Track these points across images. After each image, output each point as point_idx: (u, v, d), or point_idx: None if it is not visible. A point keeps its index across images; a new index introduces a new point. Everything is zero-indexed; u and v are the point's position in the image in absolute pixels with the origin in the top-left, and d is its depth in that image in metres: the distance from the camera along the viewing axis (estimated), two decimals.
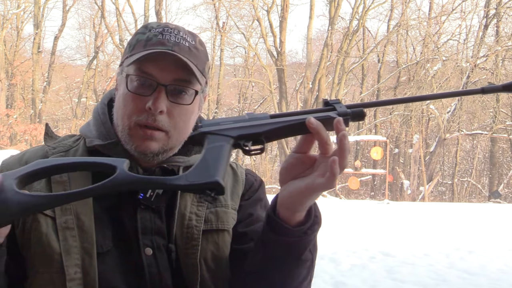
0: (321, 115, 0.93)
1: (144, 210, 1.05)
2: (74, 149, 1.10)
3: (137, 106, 1.02)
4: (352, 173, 22.91)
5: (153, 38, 1.04)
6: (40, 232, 0.99)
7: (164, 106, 1.01)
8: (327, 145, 0.90)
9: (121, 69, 1.08)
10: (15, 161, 1.09)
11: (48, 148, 1.10)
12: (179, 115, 1.04)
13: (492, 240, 8.97)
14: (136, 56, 1.01)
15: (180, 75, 1.03)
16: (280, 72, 26.01)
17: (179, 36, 1.05)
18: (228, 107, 35.10)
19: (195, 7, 30.97)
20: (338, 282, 5.49)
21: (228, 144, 0.91)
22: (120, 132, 1.06)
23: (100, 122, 1.11)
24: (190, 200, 1.10)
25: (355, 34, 26.82)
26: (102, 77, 33.52)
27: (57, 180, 1.03)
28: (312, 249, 1.01)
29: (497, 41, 22.78)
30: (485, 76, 23.81)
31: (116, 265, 1.01)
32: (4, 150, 17.17)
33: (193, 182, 0.84)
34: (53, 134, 1.14)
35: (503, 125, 23.92)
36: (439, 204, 19.05)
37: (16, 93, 29.20)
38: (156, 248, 1.04)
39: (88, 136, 1.10)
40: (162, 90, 1.01)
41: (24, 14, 30.72)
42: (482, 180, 30.96)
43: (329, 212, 13.67)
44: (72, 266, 0.97)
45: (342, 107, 0.95)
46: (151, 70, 1.01)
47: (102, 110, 1.13)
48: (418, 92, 23.13)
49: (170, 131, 1.04)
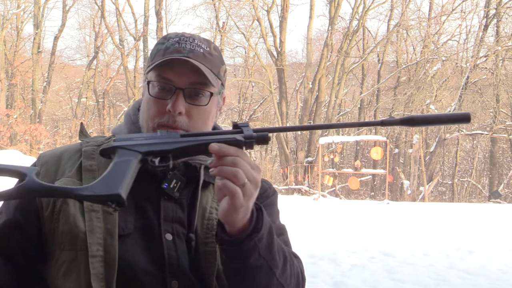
0: (227, 137, 1.00)
1: (167, 200, 1.14)
2: (105, 144, 1.16)
3: (158, 109, 1.14)
4: (352, 173, 22.91)
5: (170, 47, 1.15)
6: (68, 213, 1.08)
7: (183, 108, 1.12)
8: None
9: (145, 77, 1.19)
10: (52, 153, 1.20)
11: (82, 142, 1.20)
12: (197, 116, 1.15)
13: (492, 240, 8.97)
14: (155, 63, 1.13)
15: (196, 78, 1.13)
16: (280, 72, 26.01)
17: (194, 43, 1.16)
18: (228, 107, 35.11)
19: (195, 7, 31.10)
20: (338, 282, 5.49)
21: (136, 159, 0.97)
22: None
23: (131, 122, 1.23)
24: (210, 197, 1.18)
25: (355, 34, 26.83)
26: (102, 77, 33.52)
27: (88, 168, 1.14)
28: (265, 256, 1.04)
29: (497, 41, 22.78)
30: (485, 76, 23.82)
31: (136, 246, 1.09)
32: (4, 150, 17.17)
33: (96, 193, 0.89)
34: (87, 134, 1.24)
35: (503, 125, 23.92)
36: (439, 204, 19.05)
37: (16, 93, 29.20)
38: (176, 235, 1.12)
39: (118, 133, 1.19)
40: (180, 93, 1.12)
41: (24, 14, 30.75)
42: (482, 180, 30.97)
43: (329, 212, 13.66)
44: (95, 244, 1.05)
45: (249, 131, 1.01)
46: (169, 75, 1.13)
47: (133, 112, 1.24)
48: (417, 92, 23.17)
49: (189, 130, 1.13)
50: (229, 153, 0.96)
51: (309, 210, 14.00)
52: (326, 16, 28.19)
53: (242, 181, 0.94)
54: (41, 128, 24.40)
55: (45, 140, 25.30)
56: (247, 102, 34.39)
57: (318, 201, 17.93)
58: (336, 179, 23.94)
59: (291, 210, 12.90)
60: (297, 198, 19.85)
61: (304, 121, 25.77)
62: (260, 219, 1.03)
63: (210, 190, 1.18)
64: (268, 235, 1.04)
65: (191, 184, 1.17)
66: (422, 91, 23.18)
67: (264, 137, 1.01)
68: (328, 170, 23.37)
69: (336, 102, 26.64)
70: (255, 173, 0.97)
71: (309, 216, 12.38)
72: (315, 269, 6.10)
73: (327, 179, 21.66)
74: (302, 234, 8.88)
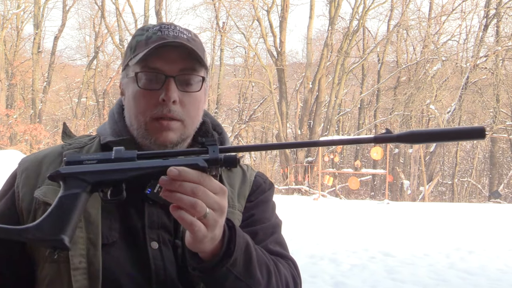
0: (189, 161, 0.88)
1: (151, 206, 1.08)
2: (88, 146, 1.15)
3: (149, 101, 1.07)
4: (352, 173, 22.91)
5: (152, 36, 1.09)
6: None
7: (176, 96, 1.06)
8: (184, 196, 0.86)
9: (125, 73, 1.13)
10: (33, 158, 1.14)
11: (64, 144, 1.15)
12: (190, 103, 1.09)
13: (492, 240, 8.97)
14: (141, 54, 1.06)
15: (186, 64, 1.07)
16: (280, 72, 26.01)
17: (176, 30, 1.11)
18: (228, 107, 35.12)
19: (195, 7, 31.11)
20: (338, 282, 5.49)
21: (84, 192, 0.88)
22: (136, 130, 1.10)
23: (114, 121, 1.16)
24: None
25: (355, 34, 26.83)
26: (102, 77, 33.51)
27: None
28: (243, 277, 0.96)
29: (497, 41, 22.78)
30: (485, 76, 23.82)
31: (121, 256, 1.03)
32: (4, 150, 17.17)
33: (38, 237, 0.84)
34: (70, 133, 1.19)
35: (503, 125, 23.92)
36: (439, 204, 19.04)
37: (16, 93, 29.20)
38: (162, 243, 1.06)
39: (103, 134, 1.15)
40: (171, 81, 1.06)
41: (24, 14, 30.76)
42: (482, 180, 30.97)
43: (329, 212, 13.66)
44: (77, 256, 1.00)
45: (215, 152, 0.89)
46: (157, 64, 1.06)
47: (117, 110, 1.18)
48: (417, 92, 23.17)
49: (185, 119, 1.08)
50: (189, 179, 0.85)
51: (309, 210, 14.00)
52: (326, 16, 28.22)
53: (202, 212, 0.85)
54: (41, 128, 24.41)
55: (45, 140, 25.31)
56: (247, 102, 34.38)
57: (318, 201, 17.92)
58: (336, 179, 23.94)
59: (291, 210, 12.89)
60: (297, 198, 19.84)
61: (304, 121, 25.77)
62: (232, 241, 0.94)
63: None
64: (244, 255, 0.96)
65: None
66: (422, 91, 23.18)
67: (232, 160, 0.89)
68: (328, 170, 23.37)
69: (336, 102, 26.63)
70: (219, 199, 0.88)
71: (309, 216, 12.38)
72: (315, 269, 6.10)
73: (327, 179, 21.66)
74: (302, 234, 8.88)
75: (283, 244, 1.19)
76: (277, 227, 1.19)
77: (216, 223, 0.88)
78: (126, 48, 1.15)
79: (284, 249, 1.18)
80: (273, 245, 1.14)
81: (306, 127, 25.82)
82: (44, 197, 1.04)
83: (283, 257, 1.14)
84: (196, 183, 0.85)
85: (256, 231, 1.13)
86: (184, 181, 0.85)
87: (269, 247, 1.13)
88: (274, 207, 1.24)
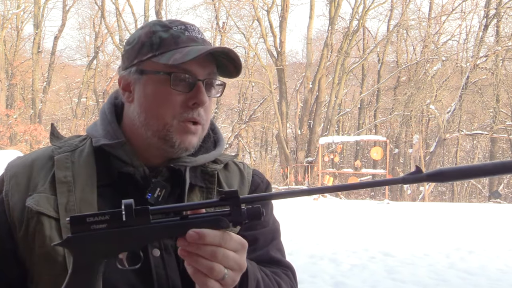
0: (210, 220, 0.81)
1: None
2: (80, 148, 1.09)
3: (180, 103, 1.03)
4: (352, 173, 22.91)
5: (180, 35, 1.05)
6: (43, 234, 0.97)
7: (207, 99, 1.04)
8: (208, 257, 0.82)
9: (137, 68, 1.05)
10: (21, 163, 1.08)
11: (54, 147, 1.09)
12: (208, 108, 1.07)
13: (492, 240, 8.97)
14: (179, 55, 1.01)
15: (212, 68, 1.06)
16: (280, 72, 26.02)
17: (200, 32, 1.08)
18: (228, 107, 35.11)
19: (195, 7, 31.07)
20: (338, 282, 5.49)
21: (98, 263, 0.83)
22: (155, 131, 1.04)
23: (107, 122, 1.10)
24: (197, 200, 1.09)
25: (355, 34, 26.83)
26: (102, 77, 33.51)
27: (62, 181, 1.02)
28: None
29: (497, 41, 22.78)
30: (485, 76, 23.83)
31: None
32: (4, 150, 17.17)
33: None
34: (59, 134, 1.13)
35: (503, 125, 23.92)
36: (439, 204, 19.05)
37: (16, 93, 29.21)
38: (164, 249, 1.02)
39: (95, 136, 1.09)
40: (201, 85, 1.03)
41: (24, 14, 30.75)
42: (482, 180, 30.95)
43: (329, 212, 13.67)
44: None
45: (236, 210, 0.81)
46: (191, 67, 1.02)
47: (109, 110, 1.12)
48: (417, 92, 23.17)
49: (204, 124, 1.06)
50: (210, 242, 0.80)
51: (309, 210, 14.01)
52: (326, 16, 28.21)
53: (220, 275, 0.81)
54: (41, 128, 24.39)
55: (45, 140, 25.29)
56: (247, 102, 34.39)
57: (318, 201, 17.92)
58: (336, 179, 23.93)
59: (291, 210, 12.90)
60: (297, 198, 19.82)
61: (304, 121, 25.77)
62: (244, 284, 0.92)
63: (197, 193, 1.08)
64: None
65: (176, 190, 1.06)
66: (422, 91, 23.19)
67: (257, 213, 0.82)
68: (328, 170, 23.38)
69: (336, 102, 26.64)
70: (239, 257, 0.84)
71: (309, 216, 12.39)
72: (315, 269, 6.10)
73: (327, 179, 21.66)
74: (302, 234, 8.88)
75: (281, 250, 1.18)
76: (276, 232, 1.18)
77: (234, 282, 0.85)
78: (134, 42, 1.07)
79: (283, 255, 1.17)
80: (274, 251, 1.14)
81: (306, 127, 25.83)
82: (37, 206, 0.99)
83: (282, 265, 1.14)
84: (216, 246, 0.80)
85: (257, 237, 1.11)
86: (203, 245, 0.80)
87: (270, 254, 1.12)
88: (272, 208, 1.21)
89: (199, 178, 1.09)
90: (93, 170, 1.04)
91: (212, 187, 1.10)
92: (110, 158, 1.06)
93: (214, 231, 0.80)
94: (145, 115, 1.04)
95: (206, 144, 1.13)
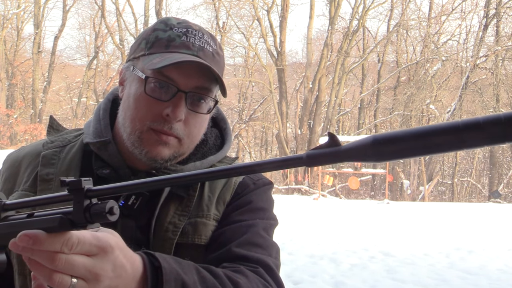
0: (44, 222, 0.65)
1: (126, 218, 0.98)
2: (71, 145, 1.06)
3: (153, 111, 0.96)
4: (352, 173, 22.91)
5: (176, 38, 0.98)
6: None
7: (183, 115, 0.96)
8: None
9: (131, 64, 1.01)
10: (15, 157, 1.09)
11: (45, 142, 1.07)
12: (194, 124, 0.99)
13: (492, 240, 8.98)
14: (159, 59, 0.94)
15: (202, 82, 0.97)
16: (280, 72, 26.02)
17: (203, 39, 1.00)
18: (228, 107, 35.11)
19: (195, 7, 31.10)
20: (338, 282, 5.49)
21: None
22: (128, 134, 1.00)
23: (98, 119, 1.06)
24: (173, 209, 1.01)
25: (355, 34, 26.83)
26: (102, 77, 33.52)
27: (44, 178, 1.01)
28: None
29: (497, 41, 22.79)
30: (485, 76, 23.83)
31: None
32: (4, 150, 17.18)
33: None
34: (59, 127, 1.11)
35: None
36: (439, 204, 19.05)
37: (16, 93, 29.22)
38: None
39: (86, 132, 1.06)
40: (182, 97, 0.96)
41: (24, 14, 30.76)
42: (482, 180, 30.96)
43: (329, 212, 13.67)
44: None
45: (79, 204, 0.63)
46: (172, 74, 0.95)
47: (104, 106, 1.08)
48: (417, 92, 23.17)
49: (183, 138, 0.99)
50: (47, 247, 0.64)
51: (309, 210, 14.01)
52: (326, 16, 28.21)
53: (65, 284, 0.65)
54: (41, 128, 24.40)
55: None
56: (247, 102, 34.40)
57: (318, 201, 17.92)
58: (336, 178, 23.94)
59: (291, 210, 12.91)
60: (297, 198, 19.85)
61: (304, 120, 25.77)
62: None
63: (175, 202, 1.01)
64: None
65: (155, 198, 1.00)
66: (422, 91, 23.19)
67: (99, 212, 0.62)
68: (328, 170, 23.37)
69: (336, 102, 26.65)
70: (93, 264, 0.66)
71: (309, 216, 12.39)
72: (315, 269, 6.10)
73: (327, 178, 21.66)
74: (302, 234, 8.89)
75: (257, 244, 1.01)
76: (254, 227, 1.03)
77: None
78: (140, 36, 1.03)
79: (256, 250, 1.00)
80: (241, 247, 0.99)
81: (306, 127, 25.83)
82: None
83: (250, 262, 0.97)
84: (55, 252, 0.64)
85: (223, 232, 1.02)
86: (39, 250, 0.64)
87: (232, 250, 0.98)
88: (262, 208, 1.08)
89: (180, 188, 1.02)
90: (77, 169, 1.02)
91: (193, 195, 1.03)
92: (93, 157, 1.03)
93: (54, 233, 0.64)
94: (123, 115, 1.01)
95: (200, 150, 1.08)
